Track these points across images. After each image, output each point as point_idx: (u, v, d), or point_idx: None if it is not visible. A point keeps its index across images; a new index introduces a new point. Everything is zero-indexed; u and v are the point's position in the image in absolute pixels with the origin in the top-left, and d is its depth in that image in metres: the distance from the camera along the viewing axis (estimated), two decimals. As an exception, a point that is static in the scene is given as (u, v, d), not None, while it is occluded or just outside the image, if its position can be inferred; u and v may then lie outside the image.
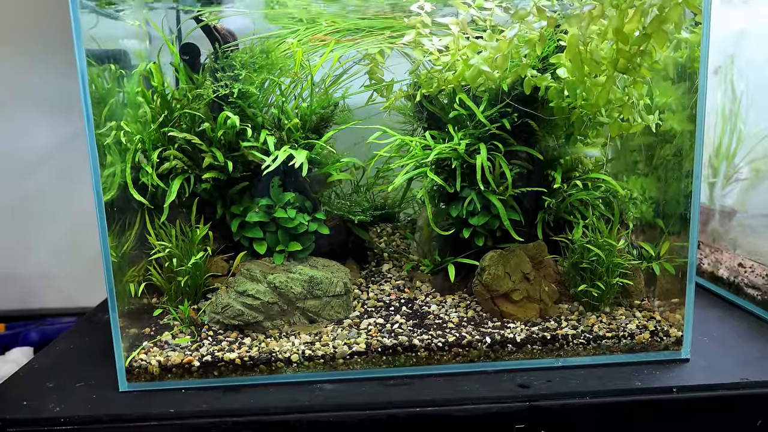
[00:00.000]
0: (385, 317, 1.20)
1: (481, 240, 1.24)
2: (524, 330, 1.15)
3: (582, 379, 1.07)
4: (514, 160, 1.22)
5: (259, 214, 1.22)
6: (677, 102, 1.14)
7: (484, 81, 1.17)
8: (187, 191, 1.20)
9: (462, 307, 1.23)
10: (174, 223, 1.20)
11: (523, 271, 1.20)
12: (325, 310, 1.19)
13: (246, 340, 1.14)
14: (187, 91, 1.20)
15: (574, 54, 1.08)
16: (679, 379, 1.06)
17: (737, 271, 1.41)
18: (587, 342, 1.13)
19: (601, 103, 1.12)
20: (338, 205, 1.30)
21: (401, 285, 1.32)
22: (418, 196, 1.23)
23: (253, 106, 1.22)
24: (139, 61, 1.24)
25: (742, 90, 1.56)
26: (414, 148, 1.23)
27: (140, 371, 1.09)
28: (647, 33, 1.03)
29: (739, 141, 1.59)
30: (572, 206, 1.23)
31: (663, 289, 1.21)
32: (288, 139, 1.22)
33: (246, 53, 1.21)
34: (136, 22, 1.24)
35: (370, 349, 1.11)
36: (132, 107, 1.19)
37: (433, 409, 1.02)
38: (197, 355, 1.10)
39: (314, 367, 1.11)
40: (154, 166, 1.17)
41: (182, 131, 1.18)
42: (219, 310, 1.17)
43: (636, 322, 1.17)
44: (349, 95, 1.33)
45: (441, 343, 1.11)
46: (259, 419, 1.01)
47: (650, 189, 1.25)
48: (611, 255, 1.17)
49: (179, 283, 1.20)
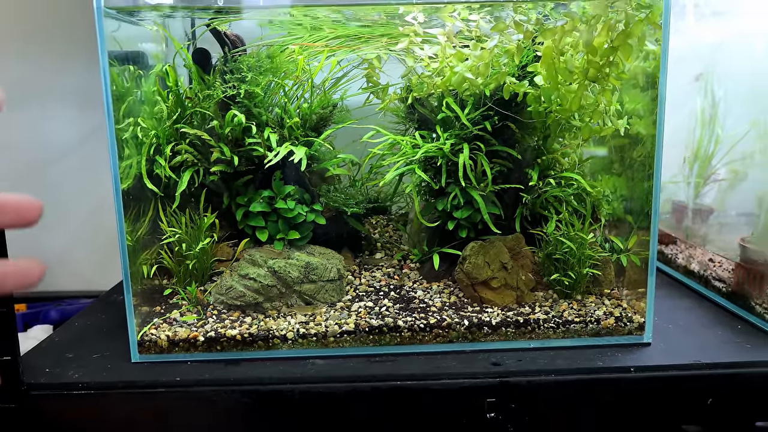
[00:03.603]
0: (375, 301, 1.32)
1: (464, 232, 1.35)
2: (500, 314, 1.25)
3: (550, 359, 1.17)
4: (495, 159, 1.33)
5: (261, 204, 1.33)
6: (645, 108, 1.25)
7: (468, 86, 1.28)
8: (197, 182, 1.31)
9: (446, 293, 1.34)
10: (184, 212, 1.32)
11: (502, 260, 1.30)
12: (320, 293, 1.31)
13: (247, 319, 1.26)
14: (199, 91, 1.31)
15: (549, 64, 1.19)
16: (638, 360, 1.16)
17: (707, 265, 1.51)
18: (557, 326, 1.23)
19: (574, 108, 1.23)
20: (334, 197, 1.41)
21: (391, 272, 1.43)
22: (407, 191, 1.34)
23: (258, 105, 1.33)
24: (155, 63, 1.36)
25: (720, 97, 1.66)
26: (404, 147, 1.34)
27: (150, 344, 1.21)
28: (614, 46, 1.13)
29: (717, 144, 1.69)
30: (547, 202, 1.34)
31: (630, 280, 1.32)
32: (289, 137, 1.34)
33: (253, 57, 1.33)
34: (153, 27, 1.36)
35: (359, 328, 1.22)
36: (148, 105, 1.31)
37: (413, 383, 1.12)
38: (202, 331, 1.22)
39: (307, 344, 1.22)
40: (167, 158, 1.29)
41: (193, 128, 1.30)
42: (223, 292, 1.29)
43: (604, 309, 1.28)
44: (347, 97, 1.45)
45: (423, 325, 1.22)
46: (256, 389, 1.12)
47: (621, 187, 1.36)
48: (582, 247, 1.28)
49: (188, 266, 1.32)
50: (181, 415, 1.13)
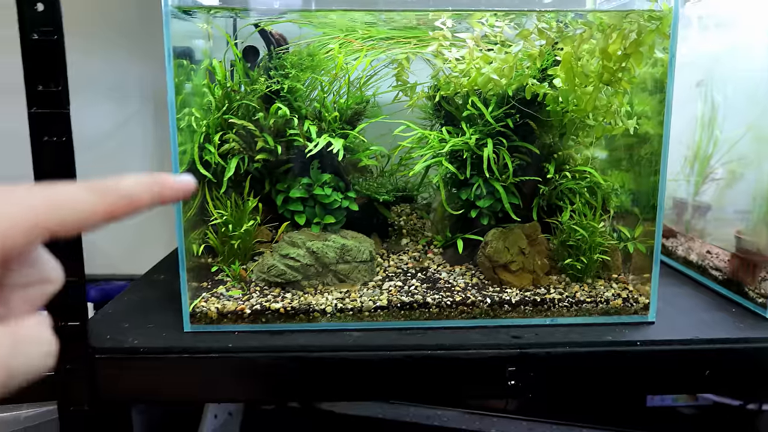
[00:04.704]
0: (404, 281, 1.44)
1: (485, 219, 1.47)
2: (519, 294, 1.38)
3: (564, 334, 1.30)
4: (515, 154, 1.46)
5: (300, 190, 1.45)
6: (652, 110, 1.37)
7: (493, 87, 1.40)
8: (242, 169, 1.43)
9: (468, 275, 1.47)
10: (230, 196, 1.44)
11: (520, 246, 1.43)
12: (353, 273, 1.43)
13: (287, 295, 1.38)
14: (245, 85, 1.43)
15: (568, 68, 1.32)
16: (643, 336, 1.29)
17: (705, 256, 1.65)
18: (570, 305, 1.36)
19: (588, 109, 1.36)
20: (366, 186, 1.53)
21: (417, 256, 1.56)
22: (434, 181, 1.47)
23: (299, 100, 1.46)
24: (202, 58, 1.48)
25: (719, 102, 1.79)
26: (432, 141, 1.47)
27: (201, 316, 1.33)
28: (627, 53, 1.26)
29: (715, 145, 1.82)
30: (562, 193, 1.47)
31: (636, 266, 1.45)
32: (327, 129, 1.46)
33: (295, 55, 1.45)
34: (204, 25, 1.48)
35: (391, 304, 1.35)
36: (198, 97, 1.43)
37: (442, 353, 1.25)
38: (248, 304, 1.34)
39: (344, 318, 1.34)
40: (216, 146, 1.41)
41: (240, 119, 1.42)
42: (265, 270, 1.41)
43: (612, 291, 1.41)
44: (378, 94, 1.57)
45: (449, 302, 1.35)
46: (301, 355, 1.24)
47: (629, 182, 1.49)
48: (593, 235, 1.41)
49: (232, 246, 1.44)
50: (233, 379, 1.25)
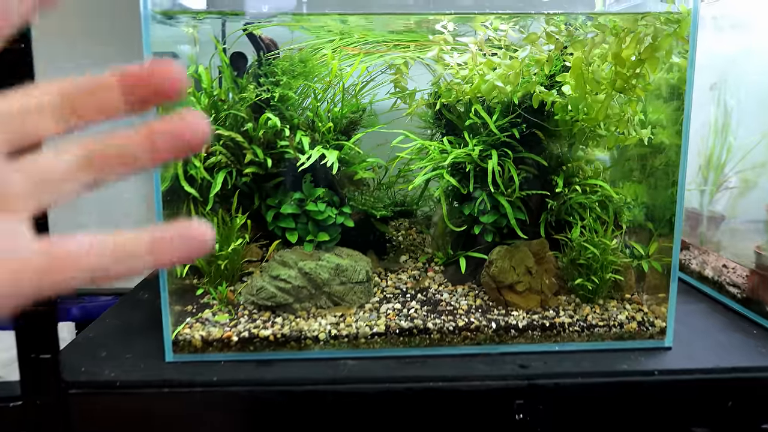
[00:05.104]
0: (402, 303, 1.35)
1: (489, 236, 1.38)
2: (526, 317, 1.29)
3: (575, 362, 1.21)
4: (521, 166, 1.36)
5: (292, 206, 1.36)
6: (668, 118, 1.28)
7: (497, 94, 1.31)
8: (230, 183, 1.34)
9: (471, 296, 1.37)
10: (216, 212, 1.34)
11: (527, 265, 1.34)
12: (348, 295, 1.33)
13: (278, 320, 1.28)
14: (233, 93, 1.34)
15: (578, 74, 1.22)
16: (660, 363, 1.20)
17: (721, 271, 1.55)
18: (581, 330, 1.27)
19: (600, 118, 1.26)
20: (362, 200, 1.44)
21: (416, 275, 1.46)
22: (435, 195, 1.37)
23: (291, 109, 1.36)
24: (188, 64, 1.38)
25: (733, 107, 1.70)
26: (432, 152, 1.37)
27: (185, 344, 1.23)
28: (642, 58, 1.17)
29: (729, 152, 1.73)
30: (572, 208, 1.37)
31: (651, 285, 1.36)
32: (321, 140, 1.36)
33: (286, 61, 1.35)
34: (189, 30, 1.38)
35: (389, 330, 1.25)
36: (183, 105, 1.33)
37: (444, 384, 1.16)
38: (235, 331, 1.24)
39: (339, 345, 1.25)
40: (202, 160, 1.31)
41: (227, 130, 1.32)
42: (254, 292, 1.31)
43: (626, 313, 1.32)
44: (375, 101, 1.48)
45: (452, 327, 1.26)
46: (290, 389, 1.15)
47: (642, 195, 1.39)
48: (605, 253, 1.31)
49: (219, 266, 1.34)
50: (217, 414, 1.15)
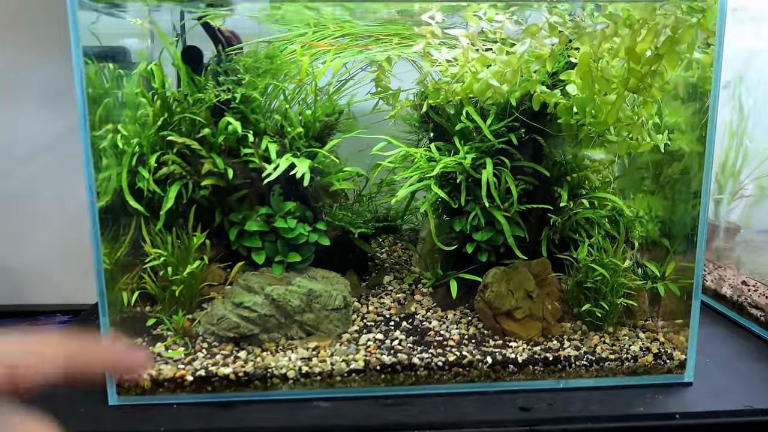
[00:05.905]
0: (385, 332, 1.18)
1: (484, 256, 1.21)
2: (526, 350, 1.12)
3: (584, 402, 1.05)
4: (520, 176, 1.20)
5: (258, 223, 1.19)
6: (687, 122, 1.12)
7: (492, 94, 1.14)
8: (185, 198, 1.16)
9: (463, 323, 1.21)
10: (170, 230, 1.17)
11: (527, 289, 1.17)
12: (323, 323, 1.16)
13: (241, 354, 1.11)
14: (188, 94, 1.16)
15: (585, 72, 1.06)
16: (682, 404, 1.04)
17: (741, 289, 1.40)
18: (590, 364, 1.11)
19: (610, 122, 1.10)
20: (340, 215, 1.27)
21: (401, 298, 1.29)
22: (422, 209, 1.20)
23: (256, 111, 1.19)
24: (139, 60, 1.21)
25: (749, 107, 1.55)
26: (418, 160, 1.20)
27: (131, 385, 1.06)
28: (659, 53, 1.00)
29: (745, 157, 1.58)
30: (578, 224, 1.21)
31: (667, 310, 1.20)
32: (290, 147, 1.19)
33: (250, 57, 1.18)
34: (138, 21, 1.20)
35: (369, 366, 1.08)
36: (131, 108, 1.16)
37: (432, 432, 0.99)
38: (191, 369, 1.07)
39: (311, 384, 1.08)
40: (152, 170, 1.14)
41: (182, 135, 1.15)
42: (214, 322, 1.14)
43: (639, 343, 1.15)
44: (354, 102, 1.30)
45: (441, 362, 1.09)
46: (254, 438, 0.99)
47: (656, 208, 1.23)
48: (616, 275, 1.15)
49: (174, 292, 1.17)
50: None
